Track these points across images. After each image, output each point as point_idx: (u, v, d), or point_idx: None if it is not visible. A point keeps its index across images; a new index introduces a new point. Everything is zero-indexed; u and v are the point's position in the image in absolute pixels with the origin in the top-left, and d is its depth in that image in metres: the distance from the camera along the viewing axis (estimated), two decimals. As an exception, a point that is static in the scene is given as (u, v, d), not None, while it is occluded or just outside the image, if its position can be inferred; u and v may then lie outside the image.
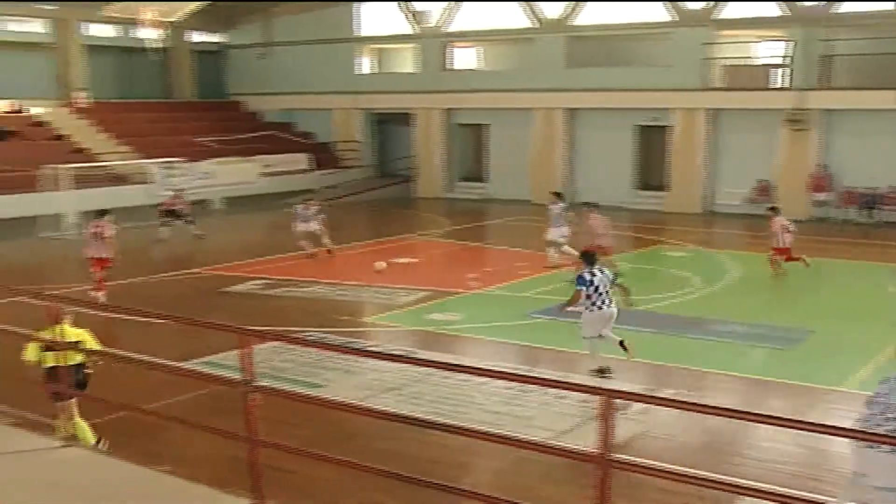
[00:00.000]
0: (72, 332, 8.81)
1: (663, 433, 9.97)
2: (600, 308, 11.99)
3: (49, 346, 8.36)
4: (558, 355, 13.31)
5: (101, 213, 16.91)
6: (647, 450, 9.26)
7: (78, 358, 8.92)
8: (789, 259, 18.68)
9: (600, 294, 11.99)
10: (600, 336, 12.13)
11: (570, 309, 12.46)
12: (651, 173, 31.87)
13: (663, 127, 30.74)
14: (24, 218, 25.50)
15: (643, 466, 5.65)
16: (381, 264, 19.27)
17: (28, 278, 18.80)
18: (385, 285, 17.82)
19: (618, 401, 5.28)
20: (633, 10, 30.44)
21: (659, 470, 5.18)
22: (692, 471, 5.95)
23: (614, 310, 12.16)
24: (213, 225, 28.23)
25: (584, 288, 11.95)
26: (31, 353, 8.90)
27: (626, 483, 5.39)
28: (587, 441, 9.07)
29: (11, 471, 6.76)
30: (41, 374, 8.73)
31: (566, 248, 19.74)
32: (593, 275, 12.02)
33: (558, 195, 21.02)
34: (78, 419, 8.79)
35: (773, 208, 19.77)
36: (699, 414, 9.35)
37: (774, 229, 18.69)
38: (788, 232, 18.60)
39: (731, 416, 5.68)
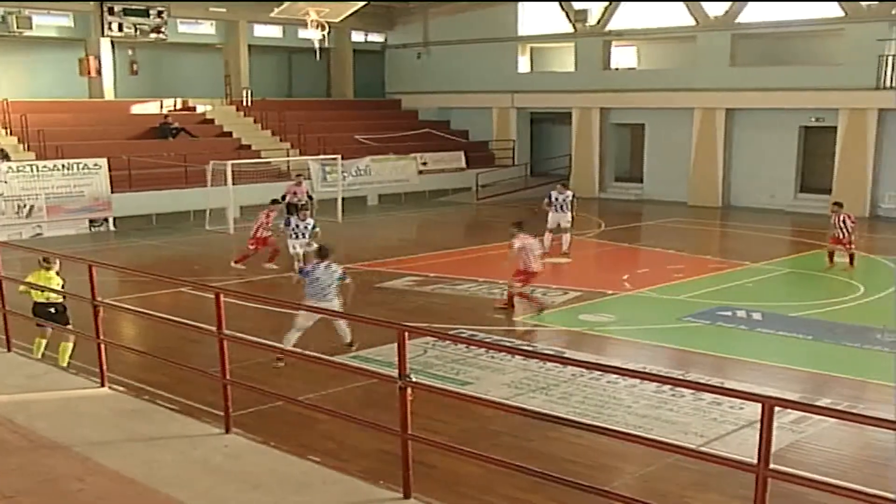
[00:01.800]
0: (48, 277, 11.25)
1: (819, 444, 9.63)
2: (315, 300, 12.20)
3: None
4: (712, 360, 13.03)
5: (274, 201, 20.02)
6: (802, 460, 8.97)
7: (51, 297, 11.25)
8: None
9: (316, 288, 12.31)
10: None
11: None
12: (814, 176, 30.79)
13: (827, 128, 29.65)
14: (196, 212, 26.66)
15: (803, 478, 5.48)
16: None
17: (189, 270, 19.65)
18: (538, 284, 17.81)
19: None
20: (802, 8, 29.41)
21: (819, 482, 5.00)
22: (853, 485, 5.73)
23: (325, 305, 12.17)
24: (369, 221, 28.86)
25: (304, 277, 12.56)
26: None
27: (779, 493, 5.24)
28: (736, 449, 8.92)
29: (176, 454, 7.10)
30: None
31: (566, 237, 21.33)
32: (315, 268, 12.47)
33: (565, 186, 22.69)
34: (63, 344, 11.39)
35: None
36: (858, 425, 9.05)
37: None
38: None
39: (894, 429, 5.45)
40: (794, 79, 29.36)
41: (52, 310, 11.42)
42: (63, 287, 11.31)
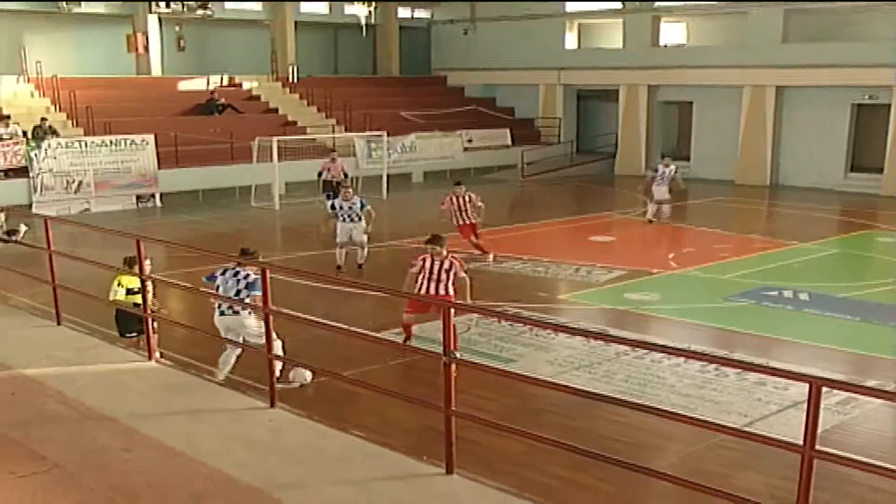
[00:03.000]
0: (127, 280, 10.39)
1: (865, 426, 9.52)
2: (218, 311, 10.21)
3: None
4: (758, 340, 12.90)
5: (458, 183, 18.87)
6: (848, 442, 8.87)
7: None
8: None
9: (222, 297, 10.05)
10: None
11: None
12: (865, 154, 30.28)
13: (880, 105, 29.12)
14: (241, 188, 26.84)
15: (850, 459, 5.43)
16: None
17: (235, 246, 19.77)
18: (583, 263, 17.75)
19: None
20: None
21: (865, 464, 4.94)
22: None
23: (228, 321, 10.05)
24: (414, 198, 28.86)
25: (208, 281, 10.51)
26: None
27: (823, 474, 5.18)
28: (780, 429, 8.84)
29: (220, 427, 7.18)
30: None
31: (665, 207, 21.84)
32: (222, 274, 10.16)
33: (670, 158, 23.32)
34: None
35: None
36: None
37: None
38: None
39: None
40: (847, 55, 28.80)
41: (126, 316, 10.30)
42: (153, 291, 10.15)
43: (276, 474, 6.19)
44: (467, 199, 18.28)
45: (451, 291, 11.36)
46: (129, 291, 10.40)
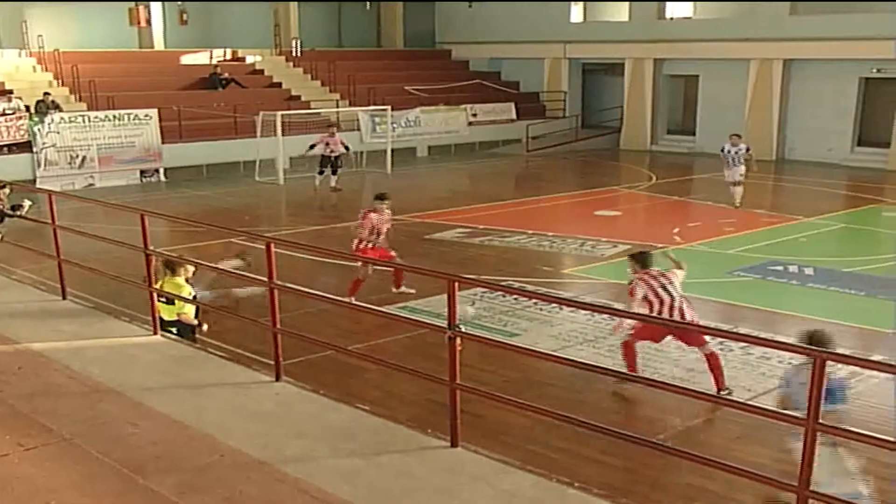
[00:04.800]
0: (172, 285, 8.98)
1: (870, 400, 9.53)
2: None
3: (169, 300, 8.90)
4: (762, 314, 12.91)
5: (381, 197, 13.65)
6: (853, 416, 8.88)
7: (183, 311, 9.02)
8: None
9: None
10: None
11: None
12: (873, 129, 30.17)
13: (889, 79, 28.98)
14: (245, 162, 26.84)
15: (852, 432, 5.43)
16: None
17: (239, 220, 19.82)
18: (587, 237, 17.73)
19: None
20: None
21: (869, 437, 4.95)
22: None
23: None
24: (418, 173, 28.85)
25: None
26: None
27: (828, 448, 5.21)
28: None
29: (226, 401, 7.21)
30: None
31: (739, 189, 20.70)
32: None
33: (739, 137, 21.21)
34: None
35: None
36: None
37: None
38: None
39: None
40: (855, 28, 28.62)
41: (175, 329, 9.02)
42: (195, 297, 9.11)
43: (283, 447, 6.22)
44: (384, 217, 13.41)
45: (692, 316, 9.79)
46: (167, 301, 8.97)
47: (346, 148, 23.81)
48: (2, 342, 8.58)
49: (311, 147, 23.51)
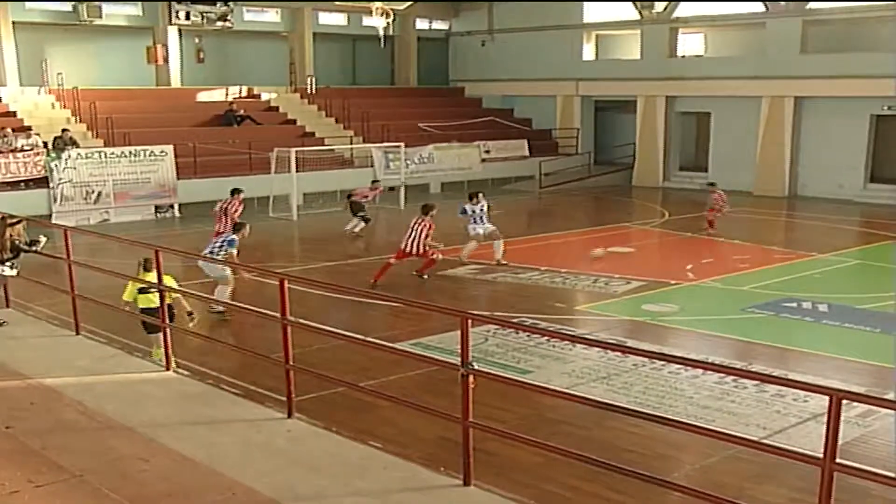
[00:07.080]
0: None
1: (886, 439, 9.45)
2: None
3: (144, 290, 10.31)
4: (777, 352, 12.84)
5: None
6: (868, 455, 8.81)
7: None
8: None
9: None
10: None
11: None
12: (885, 165, 30.13)
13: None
14: (259, 198, 26.94)
15: (871, 472, 5.40)
16: (599, 251, 19.18)
17: (252, 256, 19.87)
18: (600, 274, 17.71)
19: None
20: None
21: (887, 477, 4.91)
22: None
23: None
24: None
25: None
26: (127, 294, 10.61)
27: (841, 487, 5.16)
28: (799, 442, 8.79)
29: (238, 437, 7.20)
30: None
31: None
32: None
33: (478, 194, 19.91)
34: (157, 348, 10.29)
35: None
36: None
37: None
38: None
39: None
40: (866, 66, 28.65)
41: (153, 316, 10.11)
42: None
43: (295, 484, 6.20)
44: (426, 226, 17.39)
45: None
46: (142, 290, 10.45)
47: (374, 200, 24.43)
48: (15, 377, 8.61)
49: (349, 197, 23.54)
